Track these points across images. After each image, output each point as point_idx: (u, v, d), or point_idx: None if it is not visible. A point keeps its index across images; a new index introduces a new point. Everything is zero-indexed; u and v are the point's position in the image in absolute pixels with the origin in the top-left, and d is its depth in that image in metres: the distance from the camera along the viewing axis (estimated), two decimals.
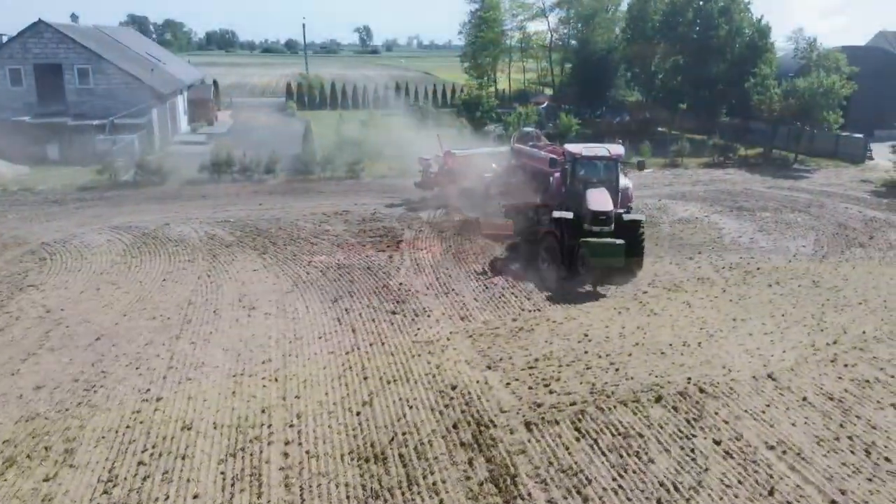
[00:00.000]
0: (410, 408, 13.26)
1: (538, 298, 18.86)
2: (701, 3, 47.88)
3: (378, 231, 24.97)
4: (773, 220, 27.25)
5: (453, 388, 13.99)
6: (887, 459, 11.70)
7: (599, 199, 20.15)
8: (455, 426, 12.63)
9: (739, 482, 11.09)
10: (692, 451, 11.87)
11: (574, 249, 19.87)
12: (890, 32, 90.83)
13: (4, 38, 42.36)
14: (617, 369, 14.85)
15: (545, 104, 55.87)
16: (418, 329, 16.82)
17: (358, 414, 13.00)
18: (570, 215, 20.21)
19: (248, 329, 16.60)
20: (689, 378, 14.47)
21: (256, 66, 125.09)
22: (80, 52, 40.51)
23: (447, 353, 15.54)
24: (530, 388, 14.02)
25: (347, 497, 10.67)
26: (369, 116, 41.98)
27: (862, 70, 49.43)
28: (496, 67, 69.94)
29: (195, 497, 10.61)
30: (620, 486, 10.96)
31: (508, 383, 14.18)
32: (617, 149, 21.81)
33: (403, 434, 12.37)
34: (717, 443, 12.11)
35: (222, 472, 11.20)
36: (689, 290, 19.69)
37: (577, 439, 12.28)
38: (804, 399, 13.69)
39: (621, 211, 20.87)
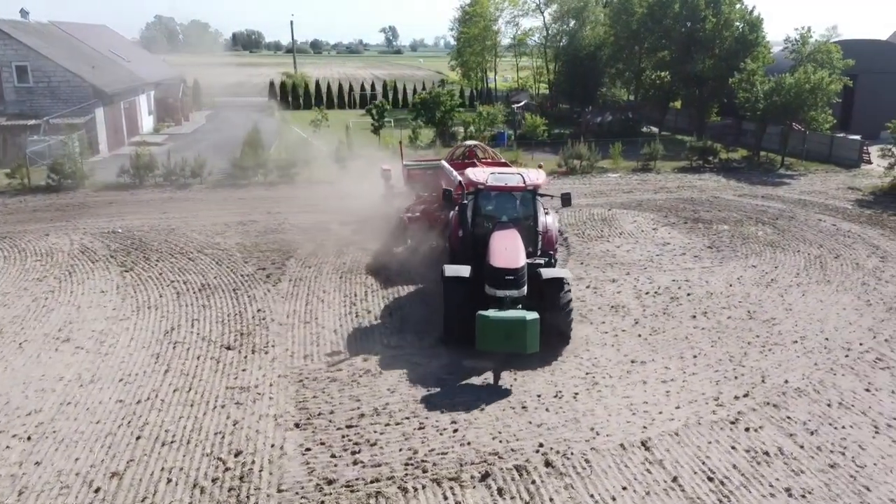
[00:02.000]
0: (168, 482, 10.54)
1: (410, 333, 15.99)
2: None
3: (273, 245, 22.29)
4: (729, 235, 23.95)
5: (237, 454, 11.23)
6: None
7: (505, 250, 14.74)
8: None
9: None
10: None
11: (465, 320, 14.19)
12: None
13: None
14: (456, 430, 11.97)
15: (523, 103, 52.69)
16: (243, 370, 14.09)
17: (97, 491, 10.32)
18: (465, 272, 14.75)
19: (42, 368, 14.01)
20: (541, 444, 11.53)
21: (272, 66, 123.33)
22: (18, 49, 38.45)
23: (258, 404, 12.79)
24: (333, 456, 11.20)
25: None
26: (320, 116, 39.26)
27: (867, 66, 45.57)
28: (485, 65, 67.01)
29: None
30: None
31: (309, 449, 11.39)
32: (535, 176, 16.59)
33: None
34: None
35: None
36: (594, 321, 16.66)
37: None
38: (674, 480, 10.66)
39: (540, 262, 15.59)
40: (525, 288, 14.49)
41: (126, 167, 31.03)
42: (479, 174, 16.71)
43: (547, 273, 14.93)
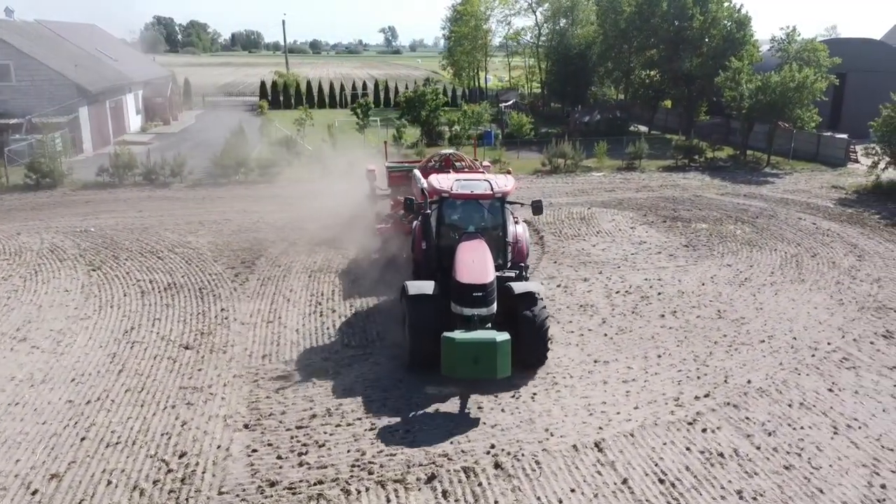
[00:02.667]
0: (108, 484, 10.32)
1: (373, 332, 15.79)
2: None
3: (245, 244, 22.06)
4: (707, 234, 23.73)
5: (181, 456, 11.01)
6: None
7: (472, 263, 13.50)
8: None
9: None
10: None
11: (433, 342, 12.78)
12: None
13: None
14: (409, 430, 11.77)
15: (511, 102, 52.46)
16: (199, 370, 13.87)
17: (34, 493, 10.11)
18: (429, 288, 13.56)
19: None
20: (493, 446, 11.32)
21: (269, 66, 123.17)
22: (1, 48, 38.30)
23: (209, 404, 12.57)
24: (279, 457, 10.98)
25: None
26: (304, 115, 39.05)
27: (857, 65, 45.39)
28: (476, 64, 66.74)
29: None
30: None
31: (255, 450, 11.17)
32: (503, 182, 15.26)
33: None
34: None
35: None
36: (562, 320, 16.43)
37: None
38: (624, 482, 10.45)
39: (510, 275, 14.60)
40: (494, 305, 13.24)
41: (105, 166, 30.85)
42: (444, 181, 15.35)
43: (518, 287, 13.80)
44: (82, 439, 11.47)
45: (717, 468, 10.84)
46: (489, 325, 13.01)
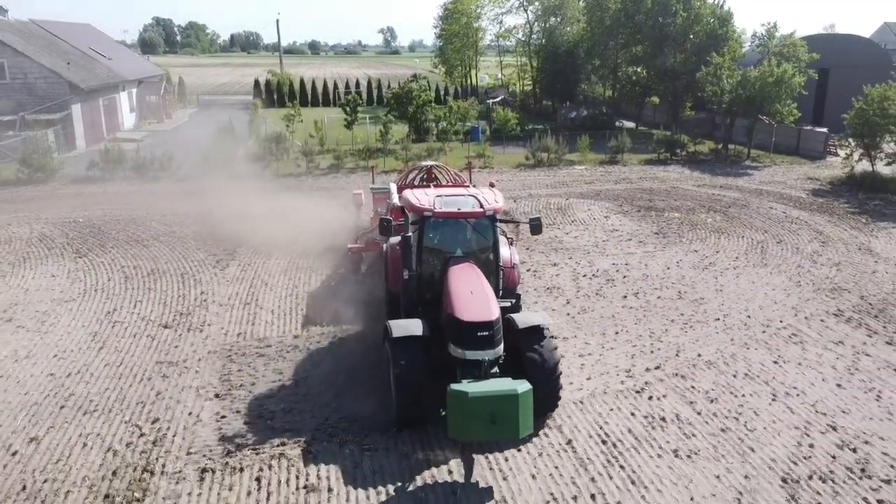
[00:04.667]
0: (84, 447, 10.99)
1: (346, 315, 16.34)
2: None
3: (228, 233, 22.69)
4: (678, 222, 24.42)
5: (154, 422, 11.69)
6: None
7: (471, 296, 11.32)
8: (115, 473, 10.35)
9: None
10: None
11: (425, 394, 11.03)
12: (895, 24, 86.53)
13: None
14: (369, 396, 12.44)
15: (499, 98, 53.16)
16: (176, 347, 14.55)
17: (14, 454, 10.77)
18: (418, 328, 11.35)
19: None
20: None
21: (267, 66, 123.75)
22: None
23: (184, 377, 13.25)
24: (246, 423, 11.67)
25: None
26: (293, 111, 39.72)
27: (839, 61, 46.08)
28: (467, 62, 67.47)
29: None
30: None
31: (224, 416, 11.85)
32: (492, 198, 13.12)
33: (45, 481, 10.13)
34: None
35: None
36: (528, 301, 17.03)
37: (249, 493, 9.93)
38: (568, 443, 11.13)
39: (504, 304, 12.36)
40: (502, 346, 11.17)
41: (96, 161, 31.53)
42: (423, 197, 13.11)
43: (522, 321, 11.62)
44: (61, 407, 12.15)
45: (658, 431, 11.53)
46: (496, 370, 10.98)
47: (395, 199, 17.01)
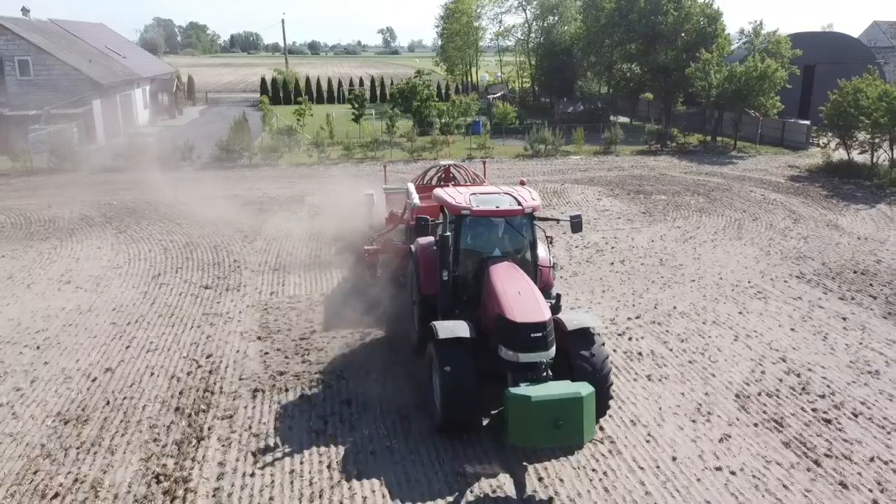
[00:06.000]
0: (152, 375, 13.09)
1: (363, 280, 18.35)
2: None
3: (253, 213, 24.84)
4: (664, 203, 26.54)
5: (208, 357, 13.80)
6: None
7: (519, 296, 10.98)
8: (182, 392, 12.45)
9: None
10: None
11: (472, 397, 10.75)
12: (884, 22, 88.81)
13: None
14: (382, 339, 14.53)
15: (499, 94, 55.28)
16: (218, 303, 16.65)
17: (94, 380, 12.86)
18: (464, 330, 10.97)
19: (49, 301, 16.59)
20: None
21: (268, 66, 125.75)
22: (20, 44, 41.05)
23: (228, 324, 15.36)
24: (286, 357, 13.77)
25: (19, 456, 10.53)
26: (304, 106, 41.83)
27: (825, 57, 48.21)
28: (468, 60, 69.65)
29: None
30: (302, 449, 10.69)
31: (267, 353, 13.96)
32: (528, 196, 12.64)
33: (124, 399, 12.22)
34: None
35: None
36: None
37: (294, 406, 12.03)
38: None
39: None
40: (554, 347, 10.79)
41: (121, 151, 33.64)
42: (458, 196, 12.63)
43: (571, 322, 11.24)
44: (127, 347, 14.25)
45: (635, 362, 13.62)
46: (549, 372, 10.64)
47: (416, 199, 16.96)
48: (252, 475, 10.11)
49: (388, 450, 10.71)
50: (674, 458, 10.46)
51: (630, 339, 14.65)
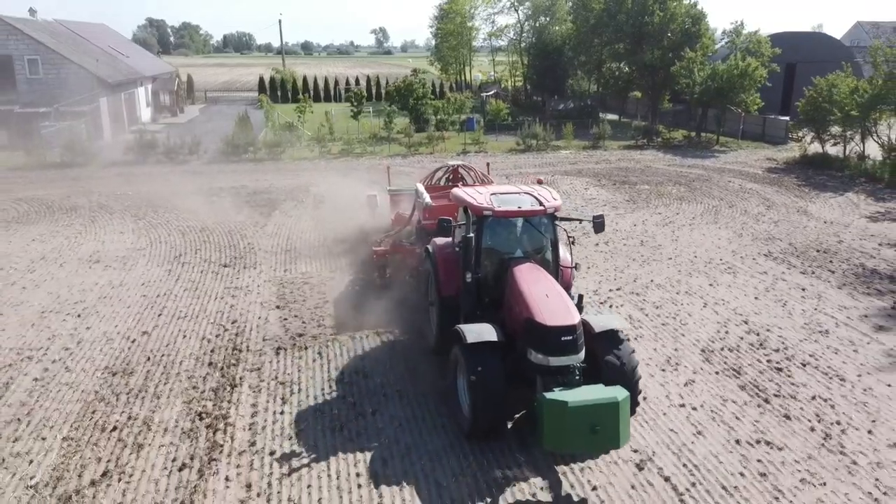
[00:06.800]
0: (185, 337, 14.70)
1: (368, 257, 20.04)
2: None
3: (261, 202, 26.47)
4: (647, 192, 28.32)
5: (233, 322, 15.43)
6: None
7: (547, 299, 10.91)
8: (213, 351, 14.07)
9: None
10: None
11: (501, 402, 10.57)
12: (867, 22, 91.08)
13: None
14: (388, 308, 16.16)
15: (492, 92, 57.00)
16: (237, 278, 18.28)
17: (133, 341, 14.46)
18: (492, 334, 10.79)
19: (82, 278, 18.17)
20: None
21: (262, 66, 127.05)
22: (30, 44, 42.47)
23: (249, 296, 16.98)
24: (303, 322, 15.40)
25: (77, 400, 12.13)
26: (304, 104, 43.44)
27: (806, 56, 50.21)
28: (462, 59, 71.39)
29: None
30: (324, 393, 12.33)
31: (286, 319, 15.59)
32: (548, 195, 12.60)
33: (162, 356, 13.82)
34: None
35: None
36: None
37: (314, 360, 13.66)
38: None
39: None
40: (584, 350, 10.68)
41: (131, 145, 35.16)
42: (478, 196, 12.46)
43: (598, 324, 11.10)
44: (159, 315, 15.85)
45: None
46: (580, 376, 10.35)
47: (428, 199, 16.89)
48: (282, 413, 11.76)
49: (399, 394, 12.38)
50: (644, 398, 12.16)
51: (611, 306, 16.36)
